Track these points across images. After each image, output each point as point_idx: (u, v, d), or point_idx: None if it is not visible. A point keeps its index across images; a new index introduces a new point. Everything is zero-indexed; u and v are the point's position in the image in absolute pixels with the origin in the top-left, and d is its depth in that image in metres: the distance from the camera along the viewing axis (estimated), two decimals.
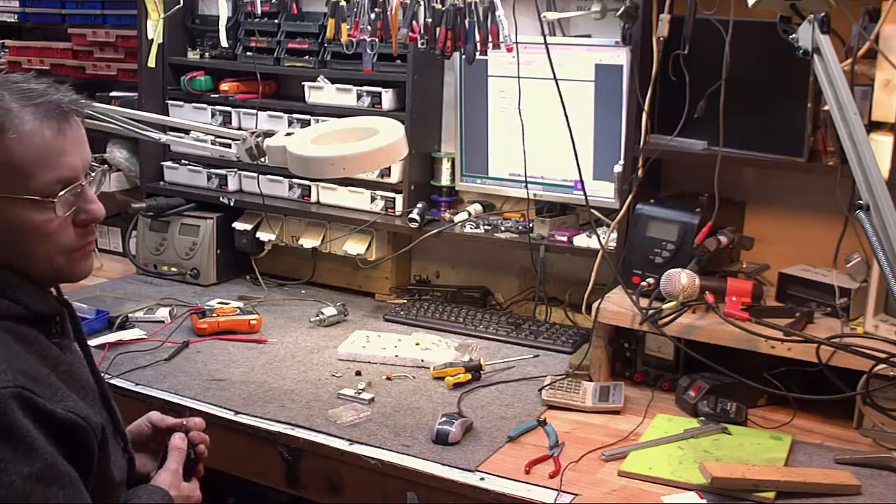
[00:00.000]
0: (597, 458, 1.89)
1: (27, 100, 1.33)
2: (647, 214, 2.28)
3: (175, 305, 2.72)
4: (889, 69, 1.94)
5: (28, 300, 1.36)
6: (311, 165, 2.41)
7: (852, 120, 1.65)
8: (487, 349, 2.48)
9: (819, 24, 1.75)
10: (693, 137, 2.27)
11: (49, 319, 1.40)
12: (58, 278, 1.43)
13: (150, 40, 2.99)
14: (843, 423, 2.05)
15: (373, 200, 2.83)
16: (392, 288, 2.94)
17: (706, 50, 2.18)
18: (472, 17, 2.24)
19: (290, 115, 2.90)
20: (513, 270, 2.83)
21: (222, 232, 3.03)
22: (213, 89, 3.06)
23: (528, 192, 2.66)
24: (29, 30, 3.55)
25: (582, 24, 2.60)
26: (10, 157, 1.31)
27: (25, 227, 1.34)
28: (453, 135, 2.80)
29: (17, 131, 1.31)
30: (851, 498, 1.76)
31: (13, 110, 1.32)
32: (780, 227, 2.39)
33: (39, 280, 1.40)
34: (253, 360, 2.39)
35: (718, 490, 1.74)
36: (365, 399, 2.14)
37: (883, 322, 2.03)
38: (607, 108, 2.51)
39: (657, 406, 2.14)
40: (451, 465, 1.86)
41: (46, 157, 1.34)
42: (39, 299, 1.39)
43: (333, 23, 2.33)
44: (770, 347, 2.02)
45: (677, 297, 2.06)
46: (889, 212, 1.56)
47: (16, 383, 1.25)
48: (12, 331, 1.33)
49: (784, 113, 2.16)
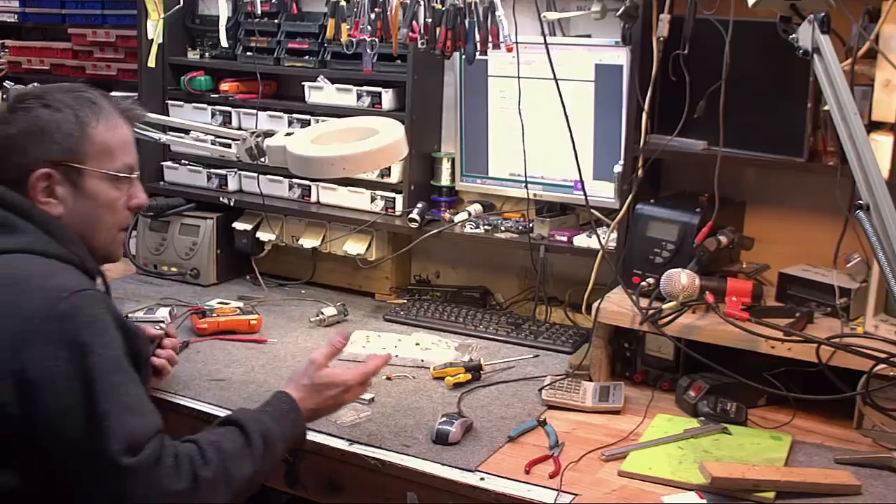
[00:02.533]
0: (597, 458, 1.89)
1: (108, 100, 1.75)
2: (647, 214, 2.28)
3: (175, 305, 2.72)
4: (889, 69, 1.94)
5: (82, 254, 1.67)
6: (311, 165, 2.41)
7: (852, 120, 1.65)
8: (487, 349, 2.48)
9: (819, 24, 1.75)
10: (693, 137, 2.27)
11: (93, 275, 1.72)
12: (107, 253, 1.78)
13: (150, 40, 3.00)
14: (843, 423, 2.04)
15: (373, 200, 2.83)
16: (392, 288, 2.94)
17: (706, 50, 2.18)
18: (472, 17, 2.24)
19: (290, 115, 2.90)
20: (513, 270, 2.83)
21: (222, 232, 3.03)
22: (213, 89, 3.06)
23: (528, 192, 2.66)
24: (29, 30, 3.55)
25: (582, 24, 2.60)
26: (105, 140, 1.72)
27: (103, 199, 1.72)
28: (453, 135, 2.80)
29: (109, 122, 1.73)
30: (851, 498, 1.76)
31: (105, 106, 1.73)
32: (780, 227, 2.39)
33: (97, 251, 1.74)
34: (253, 360, 2.38)
35: (718, 490, 1.74)
36: (365, 399, 2.14)
37: (883, 322, 2.03)
38: (607, 108, 2.51)
39: (657, 406, 2.13)
40: (451, 465, 1.86)
41: (125, 146, 1.76)
42: (88, 257, 1.69)
43: (333, 23, 2.33)
44: (770, 347, 2.01)
45: (677, 297, 2.06)
46: (889, 212, 1.56)
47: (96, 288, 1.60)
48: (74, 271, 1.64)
49: (784, 113, 2.16)
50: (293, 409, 1.75)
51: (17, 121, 1.68)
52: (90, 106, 1.71)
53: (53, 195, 1.68)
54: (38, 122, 1.67)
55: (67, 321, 1.47)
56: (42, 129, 1.67)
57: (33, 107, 1.68)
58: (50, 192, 1.68)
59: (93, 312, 1.50)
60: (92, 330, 1.48)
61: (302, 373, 1.82)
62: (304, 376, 1.81)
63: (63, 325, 1.47)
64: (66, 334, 1.46)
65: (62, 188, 1.68)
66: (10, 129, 1.68)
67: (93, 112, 1.71)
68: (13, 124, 1.68)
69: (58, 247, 1.63)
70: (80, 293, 1.51)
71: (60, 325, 1.47)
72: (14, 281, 1.53)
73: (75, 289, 1.52)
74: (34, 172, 1.66)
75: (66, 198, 1.69)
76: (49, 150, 1.67)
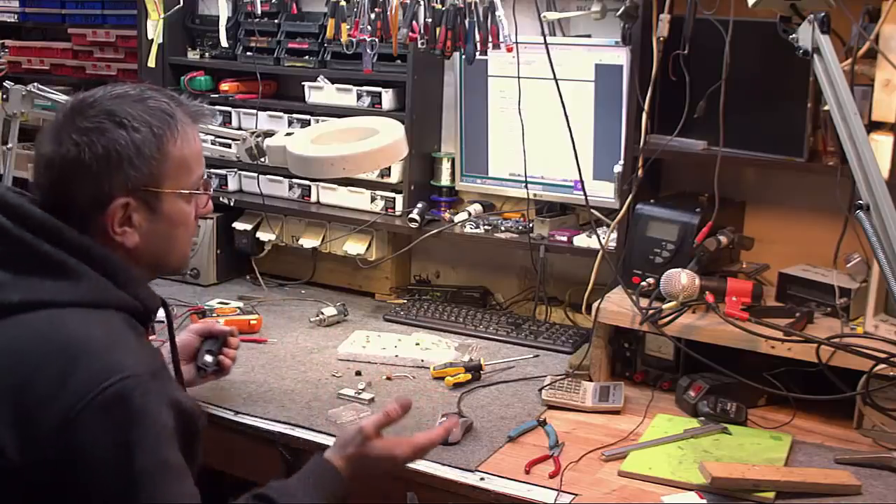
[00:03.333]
0: (597, 458, 1.89)
1: (178, 105, 1.53)
2: (647, 214, 2.28)
3: (175, 305, 2.71)
4: (889, 69, 1.94)
5: (144, 296, 1.52)
6: (311, 165, 2.41)
7: (852, 120, 1.65)
8: (487, 349, 2.48)
9: (819, 24, 1.74)
10: (693, 137, 2.27)
11: (151, 315, 1.56)
12: (181, 266, 1.66)
13: (150, 40, 3.00)
14: (843, 423, 2.04)
15: (373, 200, 2.83)
16: (392, 288, 2.94)
17: (706, 50, 2.18)
18: (472, 17, 2.24)
19: (290, 115, 2.90)
20: (513, 270, 2.83)
21: (222, 232, 3.02)
22: (213, 89, 3.06)
23: (528, 192, 2.66)
24: (29, 30, 3.55)
25: (582, 24, 2.60)
26: (183, 156, 1.51)
27: (180, 218, 1.54)
28: (453, 135, 2.80)
29: (185, 134, 1.52)
30: (851, 498, 1.76)
31: (179, 115, 1.51)
32: (780, 227, 2.39)
33: (171, 268, 1.62)
34: (253, 360, 2.38)
35: (718, 490, 1.74)
36: (365, 399, 2.14)
37: (883, 322, 2.03)
38: (607, 108, 2.51)
39: (657, 406, 2.13)
40: (451, 465, 1.86)
41: (199, 157, 1.57)
42: (151, 296, 1.55)
43: (333, 23, 2.33)
44: (770, 347, 2.01)
45: (677, 297, 2.06)
46: (889, 212, 1.56)
47: (149, 370, 1.37)
48: (129, 322, 1.47)
49: (784, 113, 2.16)
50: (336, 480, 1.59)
51: (88, 144, 1.43)
52: (166, 120, 1.49)
53: (129, 223, 1.48)
54: (115, 145, 1.44)
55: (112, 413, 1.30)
56: (120, 155, 1.44)
57: (106, 126, 1.44)
58: (126, 220, 1.48)
59: (141, 403, 1.32)
60: (139, 426, 1.31)
61: (349, 441, 1.63)
62: (350, 445, 1.63)
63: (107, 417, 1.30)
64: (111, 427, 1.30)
65: (138, 215, 1.48)
66: (81, 153, 1.43)
67: (169, 126, 1.49)
68: (83, 148, 1.43)
69: (117, 293, 1.45)
70: (128, 380, 1.32)
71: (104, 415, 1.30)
72: (64, 346, 1.35)
73: (126, 373, 1.33)
74: (112, 204, 1.45)
75: (142, 224, 1.49)
76: (128, 178, 1.45)
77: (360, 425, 1.64)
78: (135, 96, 1.49)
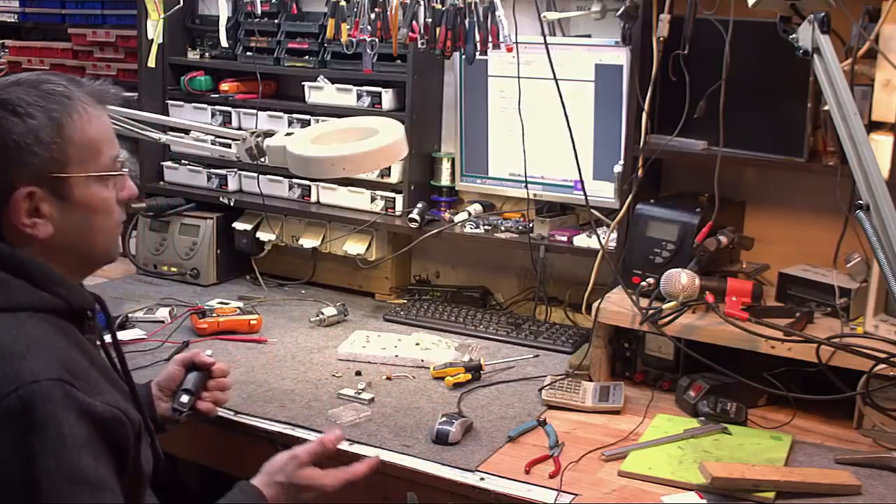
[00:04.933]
0: (597, 458, 1.89)
1: (77, 86, 1.46)
2: (647, 214, 2.28)
3: (175, 305, 2.72)
4: (889, 69, 1.94)
5: (67, 293, 1.43)
6: (311, 165, 2.41)
7: (852, 120, 1.65)
8: (487, 349, 2.48)
9: (819, 24, 1.75)
10: (693, 137, 2.28)
11: (83, 314, 1.48)
12: (108, 257, 1.54)
13: (150, 40, 3.00)
14: (843, 423, 2.04)
15: (373, 200, 2.83)
16: (392, 288, 2.94)
17: (706, 50, 2.18)
18: (472, 17, 2.24)
19: (290, 115, 2.90)
20: (513, 270, 2.83)
21: (222, 232, 3.03)
22: (213, 89, 3.06)
23: (528, 192, 2.66)
24: (29, 30, 3.55)
25: (582, 24, 2.60)
26: (86, 136, 1.44)
27: (96, 204, 1.46)
28: (453, 135, 2.80)
29: (87, 112, 1.44)
30: (851, 498, 1.76)
31: (76, 96, 1.44)
32: (780, 227, 2.39)
33: (97, 260, 1.52)
34: (253, 360, 2.39)
35: (718, 490, 1.74)
36: (365, 399, 2.14)
37: (883, 322, 2.03)
38: (607, 108, 2.51)
39: (657, 406, 2.13)
40: (451, 465, 1.86)
41: (109, 136, 1.49)
42: (77, 293, 1.46)
43: (333, 23, 2.33)
44: (770, 347, 2.01)
45: (677, 297, 2.06)
46: (889, 212, 1.56)
47: (59, 376, 1.30)
48: (53, 323, 1.40)
49: (784, 113, 2.16)
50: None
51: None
52: (63, 102, 1.42)
53: (39, 214, 1.41)
54: (9, 136, 1.38)
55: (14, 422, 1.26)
56: (16, 144, 1.38)
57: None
58: (34, 211, 1.41)
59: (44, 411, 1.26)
60: (41, 435, 1.25)
61: (278, 468, 1.64)
62: (279, 472, 1.63)
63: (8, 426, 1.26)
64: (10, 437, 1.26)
65: (48, 204, 1.41)
66: None
67: (67, 109, 1.42)
68: None
69: (32, 293, 1.39)
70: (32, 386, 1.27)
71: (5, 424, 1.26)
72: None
73: (30, 380, 1.27)
74: (13, 195, 1.39)
75: (54, 213, 1.42)
76: (28, 166, 1.39)
77: (295, 452, 1.66)
78: (30, 82, 1.43)
